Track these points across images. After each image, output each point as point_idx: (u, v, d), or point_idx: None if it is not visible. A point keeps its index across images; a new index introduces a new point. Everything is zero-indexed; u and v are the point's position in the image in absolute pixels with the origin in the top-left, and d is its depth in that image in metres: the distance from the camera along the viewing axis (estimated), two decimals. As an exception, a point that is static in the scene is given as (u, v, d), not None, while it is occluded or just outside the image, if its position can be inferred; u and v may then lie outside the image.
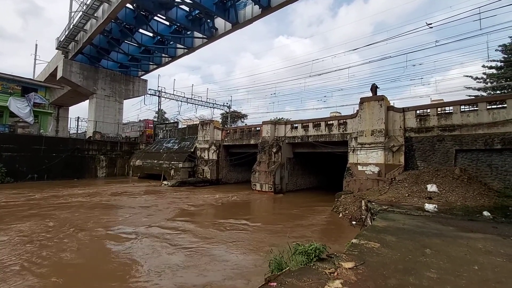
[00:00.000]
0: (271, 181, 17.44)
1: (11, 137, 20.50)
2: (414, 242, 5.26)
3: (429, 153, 12.33)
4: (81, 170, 24.21)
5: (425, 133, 12.56)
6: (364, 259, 4.24)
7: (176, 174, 22.57)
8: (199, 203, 13.78)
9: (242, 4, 21.59)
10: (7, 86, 23.08)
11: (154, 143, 29.66)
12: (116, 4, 19.90)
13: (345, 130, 15.48)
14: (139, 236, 7.99)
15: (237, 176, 24.09)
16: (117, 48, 28.91)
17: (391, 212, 8.07)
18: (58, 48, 28.18)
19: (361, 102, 14.37)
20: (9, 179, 18.99)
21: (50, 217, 9.80)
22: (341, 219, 10.67)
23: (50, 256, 6.32)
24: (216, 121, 25.32)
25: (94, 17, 22.49)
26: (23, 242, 7.16)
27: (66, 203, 12.65)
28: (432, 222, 6.92)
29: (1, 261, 5.88)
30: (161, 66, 33.45)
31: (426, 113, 12.78)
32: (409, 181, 11.23)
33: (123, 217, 10.50)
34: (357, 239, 5.27)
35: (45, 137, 22.67)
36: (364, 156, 13.95)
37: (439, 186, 10.10)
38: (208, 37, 25.28)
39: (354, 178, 14.06)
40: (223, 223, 9.98)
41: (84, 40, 25.06)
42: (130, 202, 13.66)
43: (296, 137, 17.87)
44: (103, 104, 31.47)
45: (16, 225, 8.63)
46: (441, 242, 5.28)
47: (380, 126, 13.48)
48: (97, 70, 30.96)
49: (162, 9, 22.50)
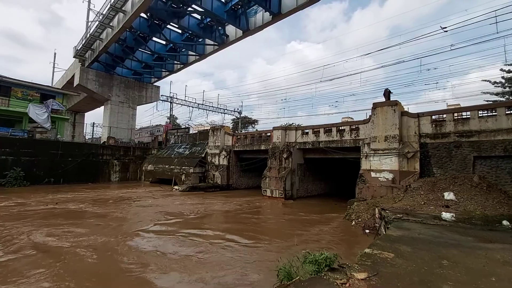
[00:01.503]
0: (281, 187, 17.28)
1: (29, 142, 21.27)
2: (430, 252, 5.03)
3: (445, 160, 11.91)
4: (96, 174, 24.78)
5: (441, 139, 12.15)
6: (377, 269, 4.07)
7: (187, 179, 22.73)
8: (210, 208, 13.78)
9: (253, 11, 21.83)
10: (27, 93, 24.07)
11: (166, 148, 30.08)
12: (131, 14, 20.54)
13: (357, 136, 15.20)
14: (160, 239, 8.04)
15: (248, 181, 24.02)
16: (131, 56, 29.78)
17: (406, 220, 7.79)
18: (75, 57, 29.27)
19: (374, 107, 14.10)
20: (25, 183, 19.55)
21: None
22: (354, 227, 10.39)
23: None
24: (226, 127, 25.46)
25: (110, 26, 23.28)
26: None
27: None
28: (449, 232, 6.62)
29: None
30: (173, 72, 34.15)
31: (442, 119, 12.38)
32: (425, 189, 10.86)
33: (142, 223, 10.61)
34: (370, 248, 5.08)
35: (62, 142, 23.41)
36: (378, 163, 13.62)
37: (457, 194, 9.70)
38: (219, 44, 25.66)
39: (367, 185, 13.72)
40: (231, 228, 9.92)
41: (100, 48, 25.96)
42: (151, 207, 13.82)
43: (307, 142, 17.69)
44: (117, 110, 32.35)
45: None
46: (458, 253, 5.03)
47: (394, 131, 13.16)
48: (112, 77, 31.94)
49: (175, 18, 23.07)
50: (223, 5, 21.60)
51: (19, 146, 20.34)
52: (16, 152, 20.06)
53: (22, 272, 5.62)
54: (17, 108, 22.80)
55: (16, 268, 5.85)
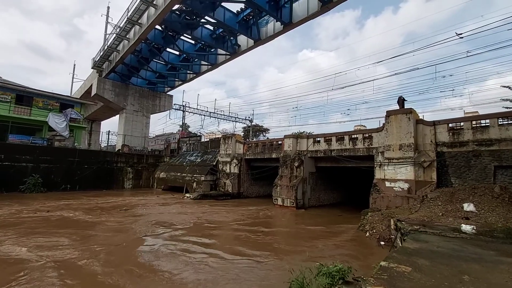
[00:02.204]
0: (293, 196, 17.08)
1: (48, 149, 22.05)
2: (450, 267, 4.81)
3: (464, 169, 11.47)
4: (110, 181, 25.32)
5: (459, 148, 11.75)
6: (394, 284, 3.92)
7: (198, 187, 22.86)
8: (220, 217, 13.76)
9: (264, 21, 22.18)
10: (48, 103, 25.09)
11: (178, 156, 30.46)
12: (147, 26, 21.30)
13: (371, 144, 14.92)
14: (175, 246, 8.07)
15: (259, 190, 23.90)
16: (146, 66, 30.68)
17: (423, 232, 7.50)
18: (93, 68, 30.45)
19: (388, 115, 13.85)
20: (42, 189, 20.13)
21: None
22: (368, 238, 10.08)
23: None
24: (238, 135, 25.61)
25: (126, 38, 24.17)
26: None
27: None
28: (470, 245, 6.32)
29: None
30: (186, 82, 34.88)
31: (460, 127, 11.99)
32: (443, 199, 10.46)
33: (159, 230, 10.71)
34: (386, 261, 4.91)
35: (79, 150, 24.16)
36: (392, 172, 13.28)
37: (477, 206, 9.28)
38: (231, 54, 26.10)
39: (382, 195, 13.37)
40: (242, 237, 9.84)
41: (116, 59, 26.94)
42: (167, 215, 13.96)
43: (319, 151, 17.51)
44: (132, 118, 33.23)
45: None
46: (480, 268, 4.78)
47: (409, 140, 12.84)
48: (127, 87, 32.95)
49: (188, 29, 23.73)
50: (235, 16, 22.06)
51: (38, 153, 21.12)
52: (35, 159, 20.83)
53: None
54: (38, 117, 23.77)
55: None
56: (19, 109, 23.21)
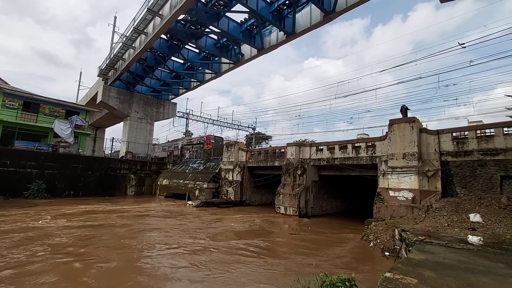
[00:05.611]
0: (295, 204, 16.94)
1: (53, 156, 22.23)
2: (457, 279, 4.69)
3: (469, 179, 11.33)
4: (113, 188, 25.35)
5: (464, 157, 11.64)
6: (400, 296, 3.83)
7: (201, 194, 22.79)
8: (223, 224, 13.65)
9: (268, 31, 22.51)
10: (54, 110, 25.44)
11: (181, 163, 30.50)
12: (152, 35, 21.71)
13: (374, 153, 14.84)
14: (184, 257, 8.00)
15: (261, 198, 23.76)
16: (150, 74, 31.12)
17: (428, 243, 7.36)
18: (99, 75, 30.97)
19: (391, 124, 13.81)
20: (46, 195, 20.23)
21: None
22: (372, 248, 9.92)
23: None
24: (240, 143, 25.64)
25: (132, 47, 24.62)
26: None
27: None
28: (477, 257, 6.18)
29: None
30: (190, 90, 35.25)
31: (464, 136, 11.91)
32: (448, 209, 10.31)
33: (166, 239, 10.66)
34: (391, 273, 4.81)
35: (83, 156, 24.32)
36: (396, 181, 13.16)
37: (484, 216, 9.13)
38: (235, 62, 26.42)
39: (385, 204, 13.21)
40: (245, 247, 9.73)
41: (122, 67, 27.39)
42: (171, 224, 13.91)
43: (322, 159, 17.44)
44: (136, 126, 33.53)
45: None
46: (489, 281, 4.66)
47: (413, 149, 12.76)
48: (132, 95, 33.37)
49: (193, 38, 24.11)
50: (239, 25, 22.42)
51: (43, 159, 21.29)
52: (40, 165, 20.99)
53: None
54: (44, 124, 24.07)
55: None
56: (26, 115, 23.56)
